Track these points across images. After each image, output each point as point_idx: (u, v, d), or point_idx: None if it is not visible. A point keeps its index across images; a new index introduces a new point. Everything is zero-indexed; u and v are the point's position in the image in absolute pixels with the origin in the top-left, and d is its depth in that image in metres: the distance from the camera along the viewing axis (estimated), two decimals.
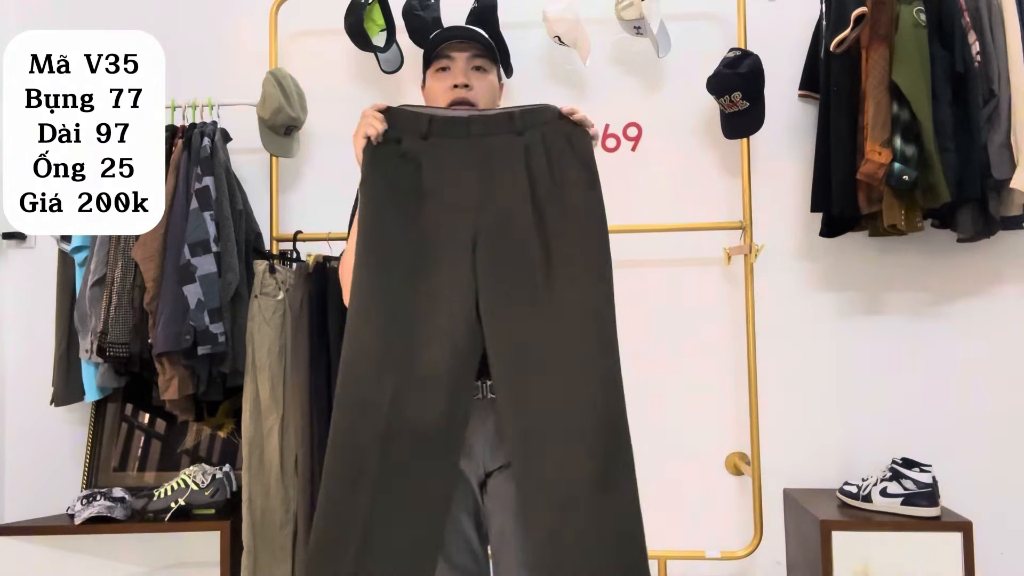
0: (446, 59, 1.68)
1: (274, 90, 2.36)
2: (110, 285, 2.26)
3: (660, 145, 2.57)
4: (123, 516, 2.25)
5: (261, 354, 2.26)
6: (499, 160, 1.45)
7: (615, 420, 1.40)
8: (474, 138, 1.46)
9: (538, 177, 1.44)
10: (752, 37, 2.42)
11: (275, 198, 2.54)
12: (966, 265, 2.45)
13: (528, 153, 1.44)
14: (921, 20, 2.14)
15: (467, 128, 1.46)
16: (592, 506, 1.35)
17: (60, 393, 2.45)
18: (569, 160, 1.45)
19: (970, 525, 2.07)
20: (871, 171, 2.10)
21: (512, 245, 1.42)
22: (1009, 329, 2.44)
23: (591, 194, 1.45)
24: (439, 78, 1.68)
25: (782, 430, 2.45)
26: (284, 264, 2.36)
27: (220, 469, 2.35)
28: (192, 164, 2.31)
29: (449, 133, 1.46)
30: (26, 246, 2.69)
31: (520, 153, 1.44)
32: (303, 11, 2.59)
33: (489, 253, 1.41)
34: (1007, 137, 2.18)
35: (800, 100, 2.52)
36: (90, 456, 2.53)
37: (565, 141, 1.46)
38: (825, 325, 2.50)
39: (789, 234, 2.51)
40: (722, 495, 2.51)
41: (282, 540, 2.24)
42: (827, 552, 2.08)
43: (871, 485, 2.20)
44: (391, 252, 1.42)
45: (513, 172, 1.44)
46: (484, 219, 1.42)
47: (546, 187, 1.43)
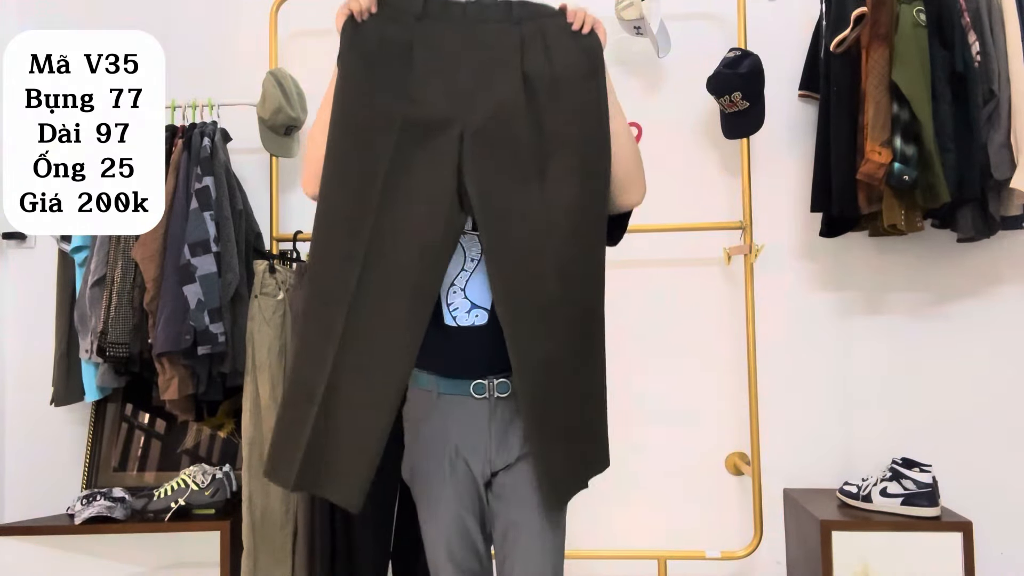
0: None
1: (274, 90, 2.36)
2: (110, 285, 2.26)
3: (660, 145, 2.56)
4: (123, 516, 2.25)
5: (261, 354, 2.26)
6: (495, 47, 1.40)
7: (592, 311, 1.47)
8: (470, 23, 1.41)
9: (534, 66, 1.40)
10: (752, 37, 2.42)
11: (275, 198, 2.54)
12: (966, 265, 2.45)
13: (525, 42, 1.40)
14: (921, 20, 2.14)
15: (463, 11, 1.41)
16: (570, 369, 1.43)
17: (60, 393, 2.45)
18: (568, 49, 1.41)
19: (970, 525, 2.07)
20: (871, 171, 2.10)
21: (504, 135, 1.38)
22: (1009, 329, 2.44)
23: (591, 83, 1.41)
24: None
25: (782, 430, 2.45)
26: (284, 264, 2.36)
27: (220, 469, 2.35)
28: (192, 164, 2.31)
29: (444, 16, 1.41)
30: (26, 246, 2.69)
31: (516, 42, 1.40)
32: (303, 11, 2.59)
33: (479, 142, 1.37)
34: (1007, 137, 2.18)
35: (800, 100, 2.52)
36: (90, 456, 2.53)
37: (566, 33, 1.41)
38: (825, 325, 2.50)
39: (789, 234, 2.51)
40: (722, 495, 2.51)
41: (282, 540, 2.24)
42: (827, 552, 2.08)
43: (871, 485, 2.20)
44: (368, 133, 1.37)
45: (508, 59, 1.39)
46: (475, 107, 1.37)
47: (542, 76, 1.40)
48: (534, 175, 1.39)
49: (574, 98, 1.41)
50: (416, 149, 1.37)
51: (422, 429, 1.52)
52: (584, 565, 2.44)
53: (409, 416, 1.57)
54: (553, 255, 1.39)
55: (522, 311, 1.39)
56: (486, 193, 1.37)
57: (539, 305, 1.39)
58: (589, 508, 2.32)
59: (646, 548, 2.42)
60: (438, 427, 1.51)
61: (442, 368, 1.50)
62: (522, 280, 1.39)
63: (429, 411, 1.52)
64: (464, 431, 1.50)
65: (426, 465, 1.52)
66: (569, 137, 1.40)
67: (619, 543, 2.49)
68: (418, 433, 1.53)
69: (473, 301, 1.51)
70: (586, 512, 2.30)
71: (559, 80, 1.41)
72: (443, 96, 1.38)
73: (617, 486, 1.68)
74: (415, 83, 1.38)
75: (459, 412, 1.50)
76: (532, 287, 1.39)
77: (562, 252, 1.40)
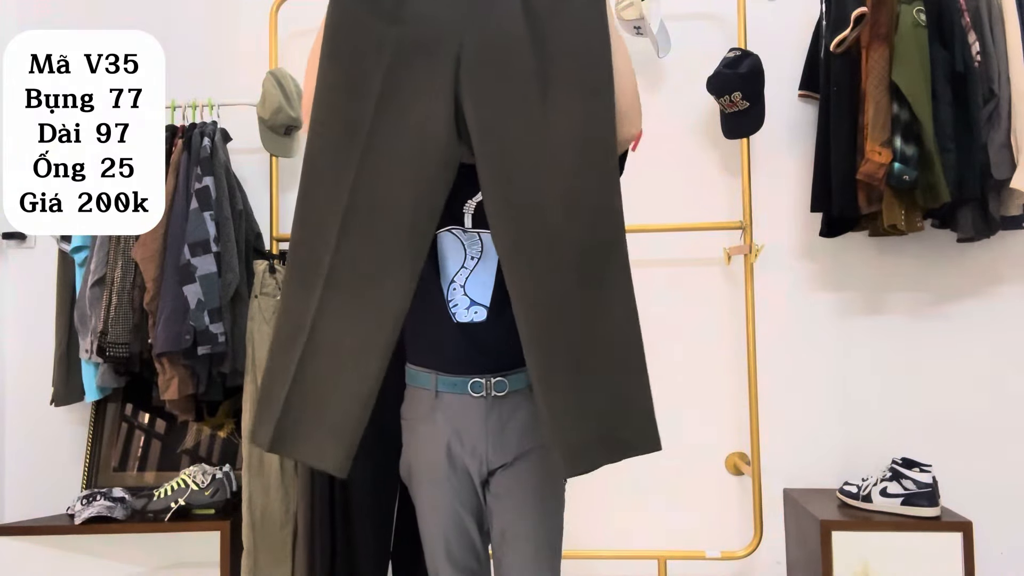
0: None
1: (274, 90, 2.36)
2: (110, 285, 2.27)
3: (660, 145, 2.56)
4: (123, 516, 2.25)
5: (261, 354, 2.26)
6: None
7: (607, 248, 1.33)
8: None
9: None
10: (752, 37, 2.42)
11: (275, 198, 2.54)
12: (966, 265, 2.45)
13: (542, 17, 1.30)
14: (921, 20, 2.14)
15: None
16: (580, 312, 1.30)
17: (60, 393, 2.45)
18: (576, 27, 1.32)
19: (970, 525, 2.07)
20: (871, 171, 2.10)
21: (503, 59, 1.29)
22: (1009, 329, 2.44)
23: (592, 8, 1.33)
24: None
25: (782, 430, 2.45)
26: (284, 264, 2.36)
27: (220, 469, 2.35)
28: (192, 164, 2.31)
29: None
30: (26, 246, 2.69)
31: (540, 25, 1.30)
32: (303, 11, 2.59)
33: (477, 65, 1.29)
34: (1007, 137, 2.18)
35: (800, 100, 2.52)
36: (90, 456, 2.53)
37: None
38: (825, 325, 2.50)
39: (789, 234, 2.51)
40: (722, 495, 2.51)
41: (282, 540, 2.24)
42: (827, 552, 2.08)
43: (871, 485, 2.20)
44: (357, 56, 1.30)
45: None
46: (470, 32, 1.30)
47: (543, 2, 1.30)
48: (536, 100, 1.29)
49: (576, 21, 1.33)
50: (409, 72, 1.29)
51: (419, 428, 1.52)
52: (584, 565, 2.44)
53: (407, 415, 1.57)
54: (558, 185, 1.29)
55: (523, 243, 1.28)
56: (485, 120, 1.29)
57: (542, 238, 1.28)
58: (589, 508, 2.33)
59: (646, 548, 2.42)
60: (436, 426, 1.51)
61: (440, 365, 1.50)
62: (524, 212, 1.29)
63: (427, 410, 1.51)
64: (461, 430, 1.50)
65: (424, 464, 1.52)
66: (572, 60, 1.32)
67: (619, 543, 2.49)
68: (415, 432, 1.53)
69: (472, 298, 1.50)
70: (586, 512, 2.30)
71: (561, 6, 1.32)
72: (437, 17, 1.30)
73: (617, 486, 1.68)
74: (410, 4, 1.30)
75: (456, 410, 1.50)
76: (534, 220, 1.29)
77: (568, 183, 1.29)
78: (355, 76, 1.30)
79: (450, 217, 1.53)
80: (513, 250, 1.30)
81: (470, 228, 1.52)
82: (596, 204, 1.32)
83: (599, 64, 1.32)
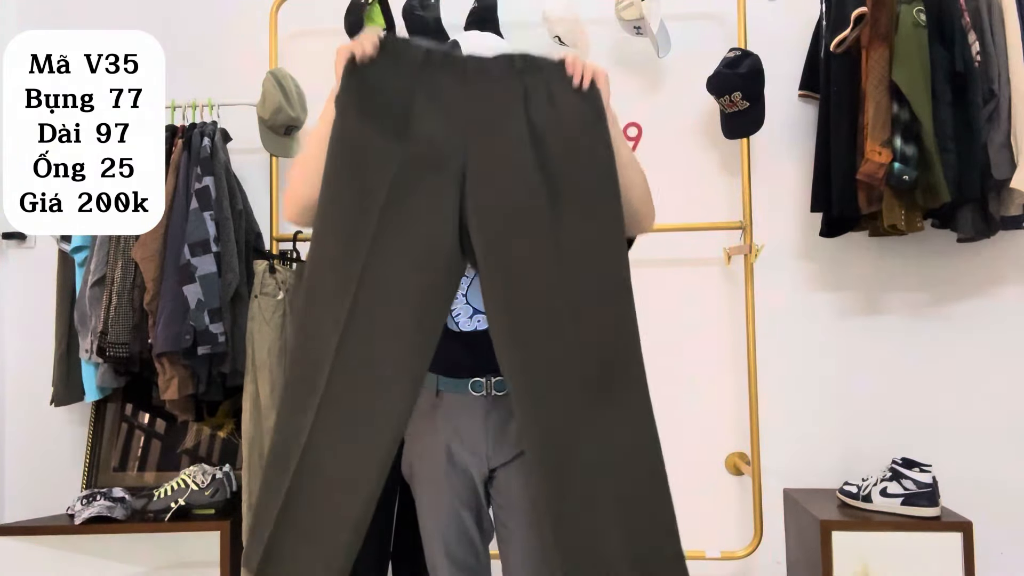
0: None
1: (274, 90, 2.36)
2: (110, 285, 2.26)
3: (660, 145, 2.56)
4: (123, 516, 2.25)
5: (261, 354, 2.26)
6: (498, 97, 1.35)
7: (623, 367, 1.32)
8: (472, 74, 1.36)
9: (538, 114, 1.34)
10: (752, 37, 2.42)
11: (275, 198, 2.54)
12: (966, 265, 2.45)
13: (528, 93, 1.34)
14: (921, 20, 2.14)
15: (464, 64, 1.37)
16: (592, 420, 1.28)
17: (60, 393, 2.45)
18: (571, 98, 1.35)
19: (970, 525, 2.07)
20: (871, 171, 2.10)
21: (508, 180, 1.32)
22: (1009, 329, 2.44)
23: (596, 128, 1.34)
24: None
25: (782, 430, 2.45)
26: (284, 264, 2.36)
27: (220, 469, 2.35)
28: (192, 164, 2.31)
29: (446, 67, 1.36)
30: (26, 246, 2.69)
31: (520, 93, 1.34)
32: (303, 11, 2.59)
33: (481, 186, 1.31)
34: (1007, 137, 2.18)
35: (800, 100, 2.52)
36: (90, 456, 2.53)
37: (569, 84, 1.35)
38: (825, 325, 2.50)
39: (789, 234, 2.51)
40: (722, 495, 2.51)
41: None
42: (827, 552, 2.08)
43: (871, 485, 2.20)
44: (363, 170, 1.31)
45: (512, 108, 1.34)
46: (475, 150, 1.32)
47: (546, 123, 1.33)
48: (542, 220, 1.31)
49: (579, 138, 1.35)
50: (414, 187, 1.31)
51: (420, 426, 1.53)
52: None
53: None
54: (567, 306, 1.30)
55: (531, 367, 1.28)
56: (490, 240, 1.30)
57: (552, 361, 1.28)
58: None
59: None
60: (436, 425, 1.51)
61: (443, 368, 1.50)
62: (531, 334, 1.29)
63: (427, 408, 1.52)
64: (462, 428, 1.50)
65: (424, 462, 1.53)
66: (577, 177, 1.33)
67: None
68: (416, 431, 1.53)
69: (475, 307, 1.51)
70: None
71: (564, 126, 1.34)
72: (444, 138, 1.33)
73: None
74: (415, 125, 1.33)
75: (457, 409, 1.50)
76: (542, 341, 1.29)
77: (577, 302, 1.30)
78: (359, 191, 1.30)
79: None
80: (521, 372, 1.29)
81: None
82: (608, 323, 1.32)
83: (605, 179, 1.33)
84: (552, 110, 1.34)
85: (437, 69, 1.35)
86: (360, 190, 1.30)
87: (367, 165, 1.31)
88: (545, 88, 1.35)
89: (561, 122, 1.34)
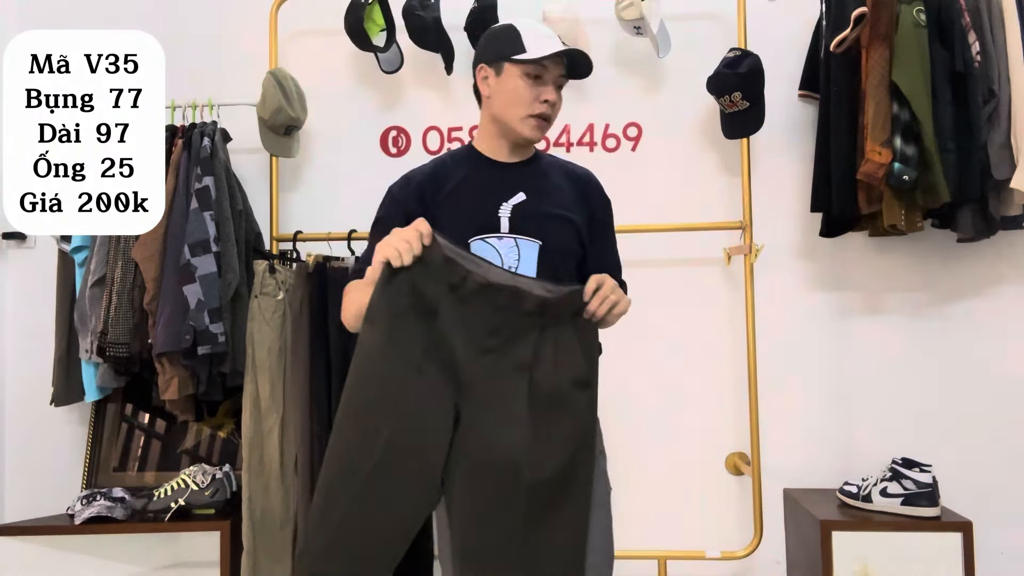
0: (541, 67, 1.59)
1: (274, 90, 2.36)
2: (110, 285, 2.27)
3: (660, 145, 2.57)
4: (123, 516, 2.25)
5: (261, 354, 2.26)
6: (512, 349, 1.40)
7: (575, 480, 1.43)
8: (500, 310, 1.39)
9: (542, 376, 1.40)
10: (752, 37, 2.42)
11: (275, 198, 2.54)
12: (966, 265, 2.45)
13: (538, 352, 1.40)
14: (921, 20, 2.14)
15: (497, 297, 1.39)
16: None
17: (60, 393, 2.45)
18: (574, 355, 1.42)
19: (970, 525, 2.07)
20: (871, 171, 2.10)
21: (497, 427, 1.39)
22: (1009, 329, 2.44)
23: (586, 393, 1.43)
24: (529, 84, 1.58)
25: (782, 430, 2.45)
26: (284, 264, 2.36)
27: (220, 469, 2.35)
28: (192, 164, 2.31)
29: (478, 296, 1.39)
30: (26, 246, 2.69)
31: (532, 350, 1.40)
32: (303, 11, 2.59)
33: (471, 431, 1.39)
34: (1007, 137, 2.18)
35: (800, 100, 2.52)
36: (90, 456, 2.53)
37: (577, 333, 1.42)
38: (825, 325, 2.50)
39: (789, 234, 2.51)
40: (722, 495, 2.51)
41: (282, 540, 2.24)
42: (827, 552, 2.08)
43: (871, 485, 2.20)
44: (376, 405, 1.38)
45: (522, 366, 1.40)
46: (479, 400, 1.39)
47: (545, 386, 1.40)
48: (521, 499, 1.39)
49: (568, 408, 1.42)
50: (412, 430, 1.38)
51: None
52: None
53: None
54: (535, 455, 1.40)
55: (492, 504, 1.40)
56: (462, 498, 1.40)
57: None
58: None
59: (646, 548, 2.42)
60: None
61: None
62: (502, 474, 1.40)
63: None
64: None
65: None
66: (557, 446, 1.41)
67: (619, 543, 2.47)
68: None
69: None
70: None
71: (559, 391, 1.41)
72: (449, 379, 1.39)
73: (617, 486, 1.67)
74: (428, 354, 1.38)
75: None
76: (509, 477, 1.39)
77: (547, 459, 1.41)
78: (367, 425, 1.38)
79: (485, 225, 1.55)
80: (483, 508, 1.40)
81: (507, 234, 1.53)
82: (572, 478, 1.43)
83: (581, 452, 1.43)
84: (555, 372, 1.41)
85: (468, 295, 1.39)
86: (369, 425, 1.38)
87: (380, 398, 1.38)
88: (554, 348, 1.41)
89: (558, 387, 1.41)
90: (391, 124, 2.63)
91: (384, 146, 2.63)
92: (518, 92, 1.58)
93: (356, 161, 2.62)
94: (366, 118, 2.64)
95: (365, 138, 2.63)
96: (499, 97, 1.61)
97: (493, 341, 1.39)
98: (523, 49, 1.57)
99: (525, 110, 1.58)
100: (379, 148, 2.63)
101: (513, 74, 1.59)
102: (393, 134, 2.63)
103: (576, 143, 2.58)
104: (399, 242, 1.35)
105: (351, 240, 2.39)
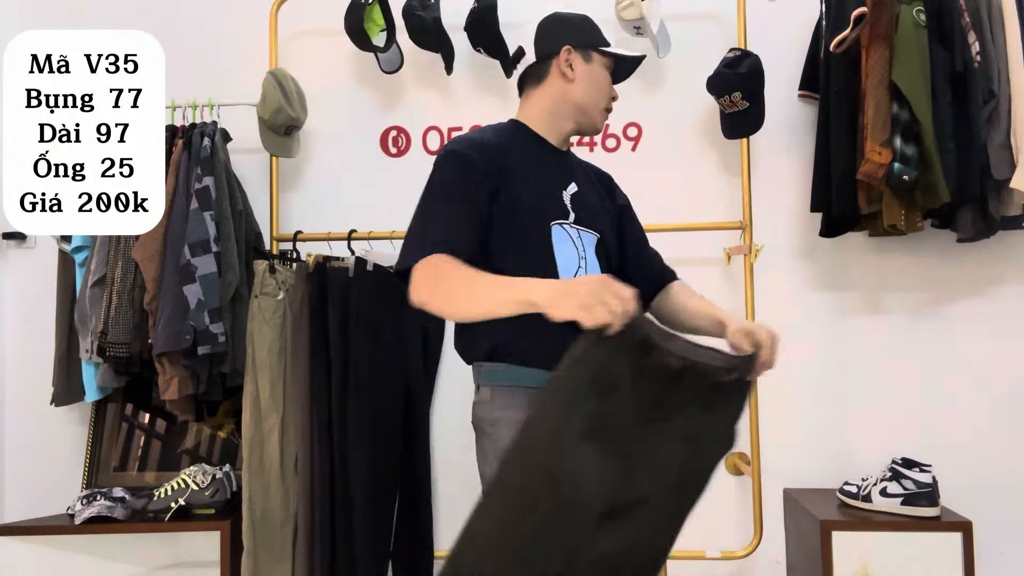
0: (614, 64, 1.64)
1: (274, 90, 2.36)
2: (110, 285, 2.27)
3: (660, 145, 2.57)
4: (123, 516, 2.25)
5: (261, 354, 2.26)
6: (676, 436, 1.34)
7: None
8: (677, 391, 1.29)
9: (687, 459, 1.40)
10: (752, 37, 2.42)
11: (275, 198, 2.54)
12: (966, 265, 2.45)
13: (703, 413, 1.34)
14: (921, 20, 2.14)
15: (681, 374, 1.27)
16: None
17: (60, 393, 2.45)
18: (723, 421, 1.41)
19: (970, 525, 2.07)
20: (871, 171, 2.10)
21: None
22: (1009, 329, 2.44)
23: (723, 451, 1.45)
24: (607, 77, 1.62)
25: (782, 430, 2.45)
26: (284, 264, 2.36)
27: (220, 469, 2.35)
28: (192, 164, 2.31)
29: (659, 377, 1.25)
30: (26, 246, 2.69)
31: (696, 420, 1.34)
32: (303, 11, 2.59)
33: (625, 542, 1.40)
34: (1007, 137, 2.18)
35: (800, 100, 2.52)
36: (90, 456, 2.53)
37: (725, 399, 1.38)
38: (825, 325, 2.50)
39: (789, 234, 2.51)
40: (722, 495, 2.51)
41: (282, 540, 2.24)
42: (827, 552, 2.08)
43: (871, 485, 2.20)
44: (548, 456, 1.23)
45: (684, 428, 1.34)
46: (641, 495, 1.38)
47: (702, 446, 1.40)
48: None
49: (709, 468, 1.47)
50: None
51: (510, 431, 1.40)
52: None
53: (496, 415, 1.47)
54: None
55: None
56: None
57: None
58: None
59: None
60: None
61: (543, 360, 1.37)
62: None
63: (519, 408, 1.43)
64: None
65: None
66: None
67: None
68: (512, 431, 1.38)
69: None
70: None
71: (711, 460, 1.45)
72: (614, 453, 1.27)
73: None
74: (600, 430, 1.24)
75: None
76: None
77: None
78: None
79: (557, 210, 1.51)
80: None
81: (573, 224, 1.52)
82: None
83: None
84: (697, 457, 1.42)
85: (653, 378, 1.26)
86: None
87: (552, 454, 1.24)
88: (709, 428, 1.39)
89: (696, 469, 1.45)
90: (391, 124, 2.63)
91: (384, 146, 2.63)
92: (604, 82, 1.62)
93: (356, 161, 2.62)
94: (366, 118, 2.64)
95: (365, 138, 2.63)
96: (585, 83, 1.60)
97: (658, 412, 1.28)
98: (607, 42, 1.61)
99: (605, 101, 1.62)
100: (379, 148, 2.63)
101: (600, 63, 1.61)
102: (393, 134, 2.63)
103: (576, 143, 2.58)
104: (614, 303, 1.15)
105: (351, 240, 2.39)
